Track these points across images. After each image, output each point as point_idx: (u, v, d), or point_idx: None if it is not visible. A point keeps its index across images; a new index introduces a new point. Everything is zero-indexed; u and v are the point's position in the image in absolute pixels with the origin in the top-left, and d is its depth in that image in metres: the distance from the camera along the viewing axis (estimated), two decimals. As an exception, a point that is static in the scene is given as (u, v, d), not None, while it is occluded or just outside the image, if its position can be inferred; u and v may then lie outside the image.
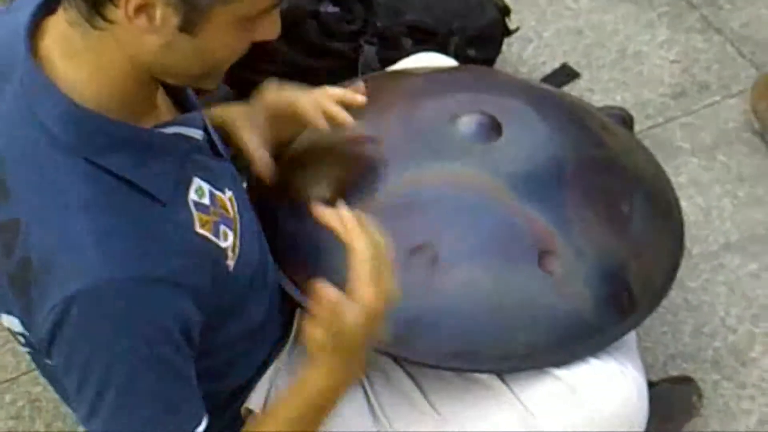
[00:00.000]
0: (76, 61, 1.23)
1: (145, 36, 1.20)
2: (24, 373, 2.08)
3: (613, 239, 1.57)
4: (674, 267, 1.66)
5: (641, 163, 1.75)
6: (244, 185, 1.53)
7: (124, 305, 1.21)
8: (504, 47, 2.33)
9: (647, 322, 1.63)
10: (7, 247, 1.24)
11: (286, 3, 1.41)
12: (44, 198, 1.22)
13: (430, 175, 1.57)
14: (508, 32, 2.31)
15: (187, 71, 1.26)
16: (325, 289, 1.31)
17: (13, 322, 1.32)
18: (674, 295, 2.06)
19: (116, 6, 1.18)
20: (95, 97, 1.24)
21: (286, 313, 1.55)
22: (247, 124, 1.59)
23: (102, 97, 1.24)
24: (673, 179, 1.81)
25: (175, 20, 1.18)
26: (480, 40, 2.22)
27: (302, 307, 1.51)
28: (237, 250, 1.35)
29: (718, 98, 2.41)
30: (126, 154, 1.25)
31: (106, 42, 1.22)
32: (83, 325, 1.21)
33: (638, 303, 1.57)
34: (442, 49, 2.07)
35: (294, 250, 1.54)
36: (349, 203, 1.53)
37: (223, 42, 1.22)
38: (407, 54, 2.01)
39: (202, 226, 1.30)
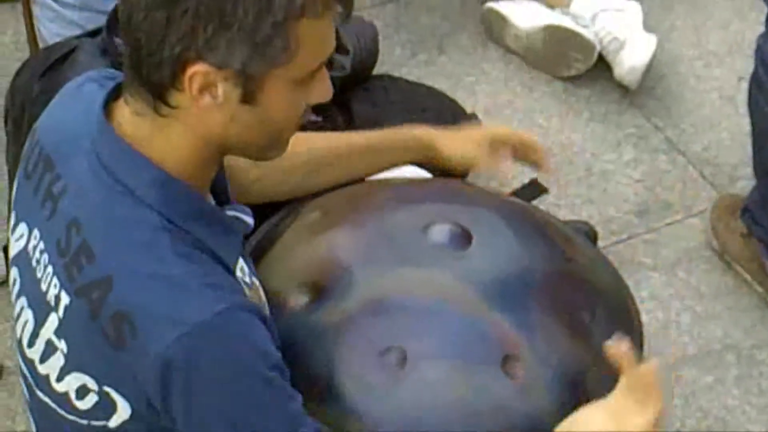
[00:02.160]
0: (148, 143, 1.33)
1: (210, 114, 1.30)
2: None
3: (575, 347, 1.64)
4: (632, 376, 1.73)
5: (604, 276, 1.83)
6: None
7: (239, 329, 1.29)
8: (476, 161, 2.42)
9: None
10: (96, 306, 1.31)
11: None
12: (135, 254, 1.30)
13: (402, 281, 1.64)
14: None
15: (254, 141, 1.36)
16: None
17: (75, 383, 1.37)
18: (633, 404, 2.13)
19: (179, 90, 1.28)
20: (171, 172, 1.34)
21: None
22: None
23: (171, 171, 1.34)
24: (634, 293, 1.88)
25: (236, 93, 1.29)
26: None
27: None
28: None
29: (679, 217, 2.50)
30: (201, 224, 1.34)
31: (174, 126, 1.32)
32: (202, 357, 1.28)
33: (597, 409, 1.63)
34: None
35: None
36: (324, 305, 1.61)
37: (281, 107, 1.33)
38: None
39: (250, 298, 1.40)
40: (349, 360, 1.54)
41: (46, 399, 1.43)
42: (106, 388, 1.35)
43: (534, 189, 2.53)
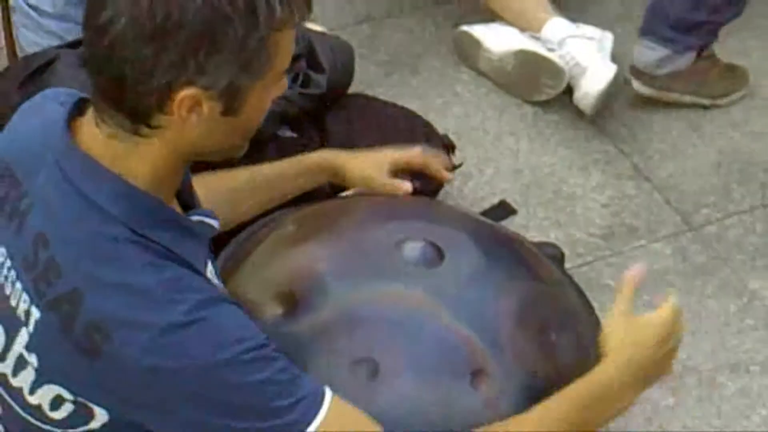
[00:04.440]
0: (119, 160, 1.35)
1: (192, 129, 1.33)
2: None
3: (541, 363, 1.68)
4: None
5: (570, 296, 1.87)
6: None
7: (209, 322, 1.31)
8: (447, 181, 2.46)
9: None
10: (68, 318, 1.33)
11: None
12: (102, 266, 1.32)
13: (375, 295, 1.67)
14: (452, 167, 2.43)
15: (226, 146, 1.40)
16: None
17: (49, 395, 1.39)
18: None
19: (164, 113, 1.31)
20: (137, 183, 1.36)
21: None
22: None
23: (141, 184, 1.36)
24: (599, 315, 1.92)
25: (219, 108, 1.32)
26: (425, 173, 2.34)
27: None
28: None
29: (644, 242, 2.54)
30: (168, 232, 1.36)
31: (152, 144, 1.34)
32: (178, 354, 1.30)
33: (562, 425, 1.67)
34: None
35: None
36: (298, 316, 1.64)
37: (257, 111, 1.37)
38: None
39: None
40: (322, 371, 1.57)
41: (20, 411, 1.44)
42: (81, 399, 1.37)
43: (503, 210, 2.57)
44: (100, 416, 1.38)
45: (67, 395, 1.38)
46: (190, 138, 1.35)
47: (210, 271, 1.47)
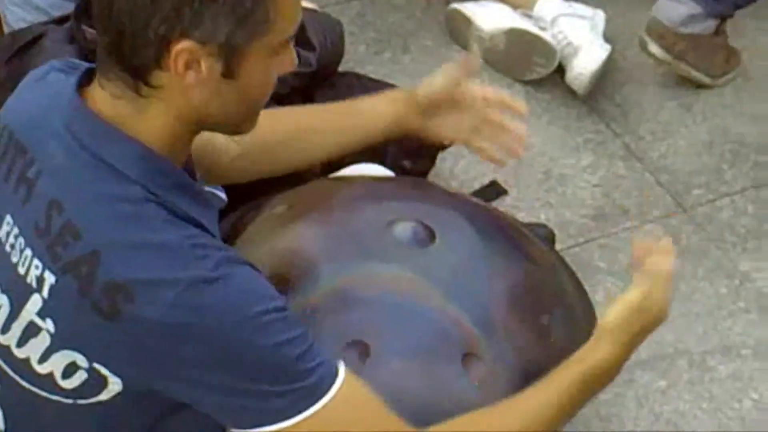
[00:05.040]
0: (128, 123, 1.35)
1: (192, 91, 1.33)
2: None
3: (533, 346, 1.67)
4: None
5: (562, 278, 1.86)
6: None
7: (233, 280, 1.31)
8: (437, 161, 2.44)
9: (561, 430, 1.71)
10: (86, 280, 1.32)
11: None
12: (122, 226, 1.33)
13: (365, 276, 1.66)
14: (442, 147, 2.41)
15: (233, 115, 1.40)
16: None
17: (62, 362, 1.38)
18: (587, 406, 2.15)
19: (162, 70, 1.31)
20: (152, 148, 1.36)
21: None
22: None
23: (156, 150, 1.36)
24: (590, 296, 1.91)
25: (218, 67, 1.32)
26: (415, 153, 2.32)
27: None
28: None
29: (636, 223, 2.53)
30: (184, 197, 1.37)
31: (155, 105, 1.34)
32: (201, 312, 1.30)
33: (553, 408, 1.66)
34: (380, 160, 2.17)
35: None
36: (289, 297, 1.61)
37: (259, 78, 1.36)
38: (347, 163, 2.11)
39: None
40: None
41: (25, 383, 1.43)
42: (96, 365, 1.36)
43: (493, 190, 2.56)
44: (113, 386, 1.37)
45: (81, 362, 1.37)
46: (193, 102, 1.34)
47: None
